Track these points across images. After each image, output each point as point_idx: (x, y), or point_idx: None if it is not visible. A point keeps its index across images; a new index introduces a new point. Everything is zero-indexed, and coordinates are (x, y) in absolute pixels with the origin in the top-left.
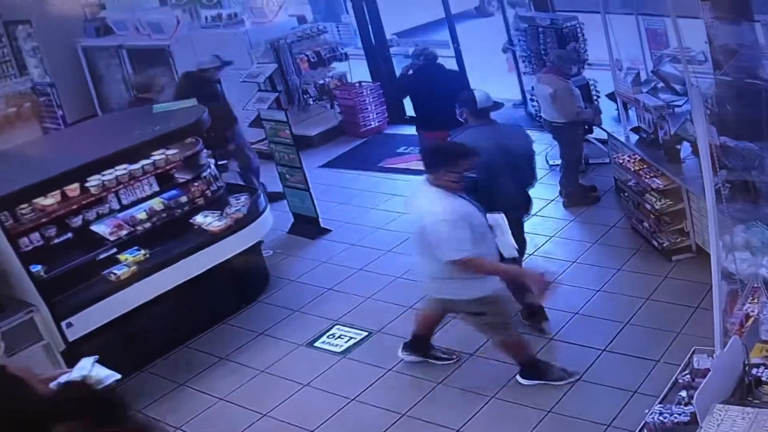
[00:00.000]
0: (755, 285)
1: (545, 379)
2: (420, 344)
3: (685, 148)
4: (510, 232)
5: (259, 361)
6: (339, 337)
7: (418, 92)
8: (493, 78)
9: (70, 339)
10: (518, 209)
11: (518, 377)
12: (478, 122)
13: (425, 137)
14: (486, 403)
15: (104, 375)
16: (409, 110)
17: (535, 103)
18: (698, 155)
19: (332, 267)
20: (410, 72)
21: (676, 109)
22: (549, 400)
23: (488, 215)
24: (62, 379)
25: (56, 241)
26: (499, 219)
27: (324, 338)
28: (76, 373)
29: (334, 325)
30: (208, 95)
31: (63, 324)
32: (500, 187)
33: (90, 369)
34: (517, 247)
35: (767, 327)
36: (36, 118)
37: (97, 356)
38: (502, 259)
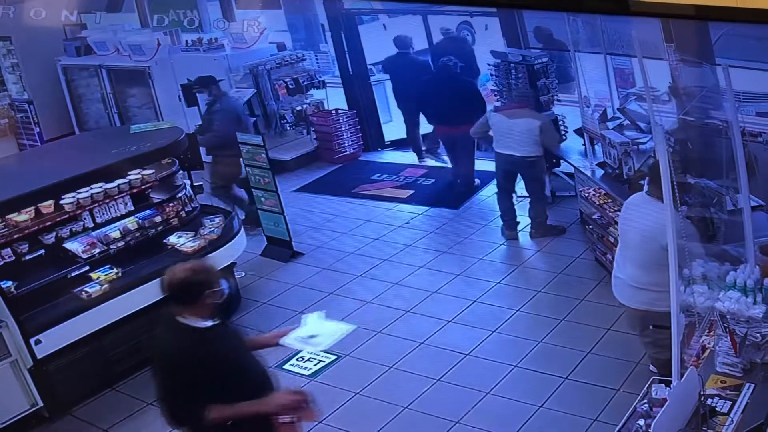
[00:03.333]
0: (712, 318)
1: None
2: None
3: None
4: None
5: None
6: (308, 359)
7: (433, 95)
8: None
9: (39, 356)
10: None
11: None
12: (222, 94)
13: (438, 131)
14: (450, 429)
15: (333, 329)
16: (389, 135)
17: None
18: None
19: (304, 290)
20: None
21: (641, 146)
22: (512, 426)
23: None
24: (291, 333)
25: (28, 257)
26: None
27: (293, 361)
28: (304, 329)
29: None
30: None
31: (32, 341)
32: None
33: (319, 325)
34: None
35: (722, 359)
36: (13, 135)
37: (323, 311)
38: None
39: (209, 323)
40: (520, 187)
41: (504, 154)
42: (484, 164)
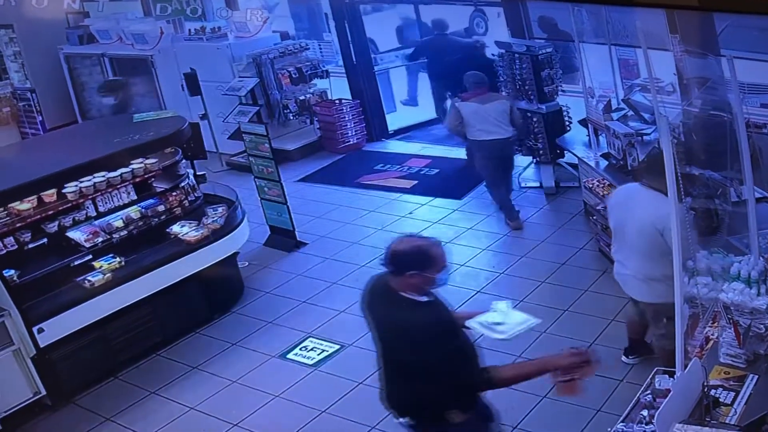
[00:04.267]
0: (715, 309)
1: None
2: (638, 347)
3: None
4: None
5: (231, 371)
6: (311, 349)
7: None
8: None
9: (41, 344)
10: None
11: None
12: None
13: None
14: None
15: (519, 320)
16: (392, 125)
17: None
18: None
19: (307, 280)
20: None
21: (645, 137)
22: (514, 417)
23: None
24: (479, 316)
25: (31, 246)
26: None
27: (296, 350)
28: (491, 315)
29: (307, 338)
30: None
31: (34, 329)
32: None
33: (506, 313)
34: None
35: (726, 350)
36: (15, 123)
37: (513, 301)
38: None
39: (423, 298)
40: (524, 178)
41: (489, 140)
42: None
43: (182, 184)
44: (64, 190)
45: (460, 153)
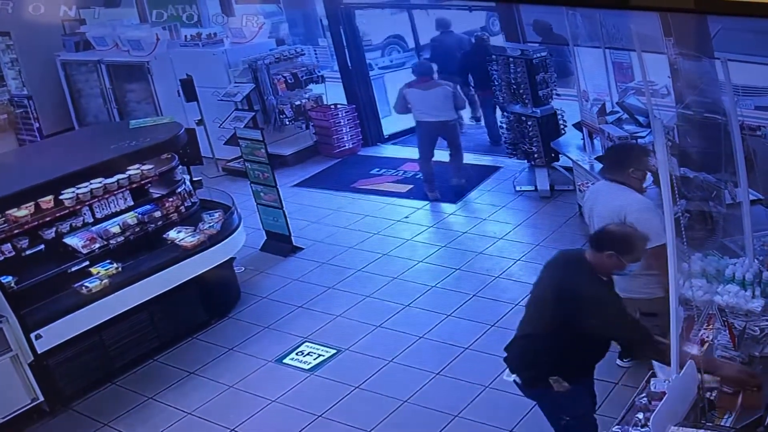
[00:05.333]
0: (710, 312)
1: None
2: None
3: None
4: None
5: (228, 376)
6: (308, 354)
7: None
8: None
9: (39, 351)
10: None
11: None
12: None
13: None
14: (449, 422)
15: None
16: (388, 129)
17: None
18: (659, 185)
19: (303, 285)
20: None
21: (639, 140)
22: (510, 420)
23: None
24: None
25: (28, 252)
26: None
27: (293, 355)
28: None
29: (303, 342)
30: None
31: (32, 335)
32: None
33: None
34: None
35: (721, 352)
36: (12, 130)
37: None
38: None
39: (605, 278)
40: (519, 182)
41: (429, 122)
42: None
43: (179, 190)
44: (61, 197)
45: None
